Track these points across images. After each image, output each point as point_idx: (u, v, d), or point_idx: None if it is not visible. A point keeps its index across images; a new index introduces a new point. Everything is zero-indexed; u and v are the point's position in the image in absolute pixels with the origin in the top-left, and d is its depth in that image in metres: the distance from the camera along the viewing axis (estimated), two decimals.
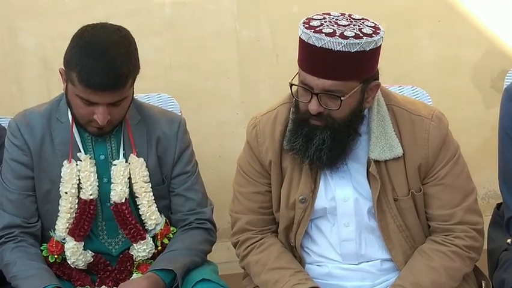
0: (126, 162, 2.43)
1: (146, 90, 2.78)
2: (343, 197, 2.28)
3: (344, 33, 2.08)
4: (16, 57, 3.41)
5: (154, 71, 3.41)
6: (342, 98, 2.12)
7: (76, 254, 2.40)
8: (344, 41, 2.06)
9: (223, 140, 3.58)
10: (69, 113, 2.39)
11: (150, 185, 2.45)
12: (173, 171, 2.51)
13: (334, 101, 2.14)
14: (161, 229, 2.48)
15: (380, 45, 2.14)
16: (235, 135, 3.51)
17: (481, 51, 3.62)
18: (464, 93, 3.66)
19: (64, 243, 2.41)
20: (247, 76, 3.53)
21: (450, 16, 3.56)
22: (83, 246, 2.42)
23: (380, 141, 2.23)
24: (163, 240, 2.48)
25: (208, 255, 2.56)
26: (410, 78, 3.43)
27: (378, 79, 2.21)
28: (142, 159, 2.44)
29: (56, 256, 2.42)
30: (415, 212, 2.27)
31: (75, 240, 2.40)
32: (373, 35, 2.10)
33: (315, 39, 2.08)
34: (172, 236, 2.49)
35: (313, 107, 2.15)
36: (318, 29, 2.10)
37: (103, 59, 2.22)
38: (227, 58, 3.50)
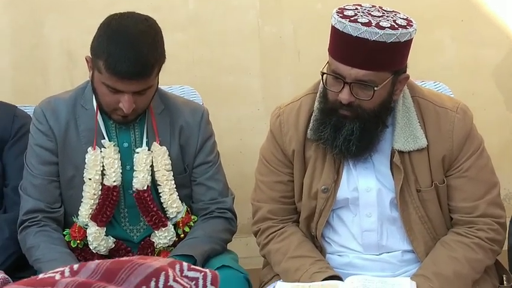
0: (149, 150, 2.44)
1: (167, 83, 2.80)
2: (366, 188, 2.28)
3: (380, 23, 2.09)
4: (42, 50, 3.44)
5: (177, 66, 3.42)
6: (375, 88, 2.13)
7: (98, 239, 2.42)
8: (380, 31, 2.07)
9: (244, 135, 3.59)
10: (94, 100, 2.41)
11: (172, 174, 2.47)
12: (195, 161, 2.52)
13: (366, 91, 2.15)
14: (182, 217, 2.49)
15: (413, 38, 2.15)
16: (256, 130, 3.52)
17: (503, 52, 3.62)
18: (485, 94, 3.65)
19: (86, 228, 2.43)
20: (269, 72, 3.54)
21: (473, 16, 3.56)
22: (105, 232, 2.44)
23: (405, 132, 2.24)
24: (184, 229, 2.49)
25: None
26: (432, 78, 3.42)
27: (406, 72, 2.22)
28: (164, 148, 2.45)
29: (78, 241, 2.44)
30: (438, 204, 2.27)
31: (97, 226, 2.42)
32: (407, 26, 2.12)
33: (351, 29, 2.09)
34: (193, 225, 2.51)
35: (345, 96, 2.15)
36: (353, 18, 2.11)
37: (129, 47, 2.24)
38: (249, 54, 3.51)
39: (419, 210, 2.26)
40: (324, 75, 2.22)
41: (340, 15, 2.14)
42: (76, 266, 1.13)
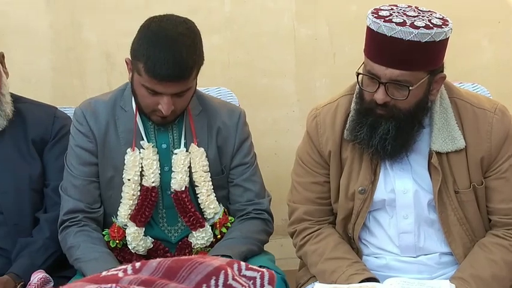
0: (187, 151, 2.47)
1: (203, 85, 2.83)
2: (403, 189, 2.28)
3: (415, 23, 2.10)
4: (79, 52, 3.48)
5: (212, 68, 3.44)
6: (410, 88, 2.13)
7: (137, 239, 2.45)
8: (415, 31, 2.08)
9: (279, 137, 3.60)
10: (133, 102, 2.45)
11: (209, 175, 2.49)
12: (232, 162, 2.54)
13: (401, 91, 2.15)
14: (219, 218, 2.51)
15: (448, 38, 2.15)
16: (291, 132, 3.53)
17: None
18: None
19: (125, 228, 2.46)
20: (304, 74, 3.55)
21: (510, 17, 3.53)
22: (144, 232, 2.47)
23: (442, 133, 2.23)
24: (221, 229, 2.51)
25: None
26: (469, 80, 3.41)
27: (443, 72, 2.22)
28: (202, 149, 2.48)
29: (117, 241, 2.47)
30: (476, 205, 2.27)
31: (136, 226, 2.45)
32: (443, 26, 2.12)
33: (385, 28, 2.10)
34: (230, 226, 2.52)
35: (380, 96, 2.16)
36: (387, 18, 2.12)
37: (169, 50, 2.26)
38: (284, 56, 3.52)
39: (458, 212, 2.26)
40: (360, 76, 2.23)
41: (375, 15, 2.15)
42: (137, 264, 1.16)
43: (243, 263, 1.17)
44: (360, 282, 2.20)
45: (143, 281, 1.10)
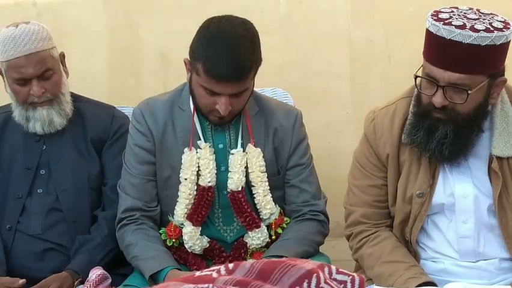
0: (243, 151, 2.48)
1: (259, 86, 2.83)
2: (462, 193, 2.26)
3: (475, 26, 2.07)
4: (135, 51, 3.52)
5: (267, 69, 3.42)
6: (469, 92, 2.11)
7: (193, 238, 2.46)
8: (474, 34, 2.06)
9: (332, 138, 3.58)
10: (191, 102, 2.46)
11: (266, 175, 2.49)
12: (288, 163, 2.54)
13: (460, 95, 2.13)
14: (275, 219, 2.51)
15: (510, 41, 2.12)
16: (344, 134, 3.52)
17: None
18: None
19: (182, 228, 2.48)
20: (359, 76, 3.53)
21: None
22: (200, 232, 2.48)
23: (503, 137, 2.21)
24: (277, 230, 2.51)
25: None
26: None
27: (504, 75, 2.19)
28: (259, 149, 2.48)
29: (174, 240, 2.48)
30: None
31: (193, 225, 2.46)
32: (504, 29, 2.09)
33: (444, 31, 2.08)
34: (285, 226, 2.52)
35: (438, 99, 2.14)
36: (447, 21, 2.10)
37: (228, 51, 2.28)
38: (339, 57, 3.51)
39: None
40: (418, 79, 2.21)
41: (434, 18, 2.13)
42: (230, 265, 1.17)
43: (333, 267, 1.18)
44: (417, 287, 2.18)
45: (238, 281, 1.12)
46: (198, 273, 1.18)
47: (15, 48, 2.51)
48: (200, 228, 2.47)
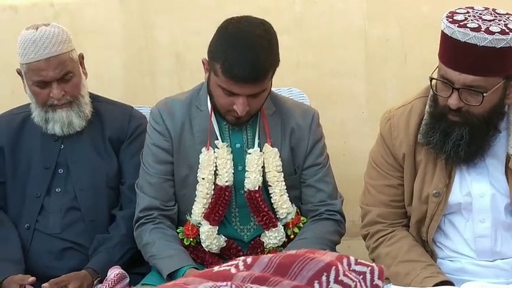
0: (261, 151, 2.49)
1: (275, 85, 2.84)
2: (479, 193, 2.26)
3: (490, 28, 2.07)
4: (150, 52, 3.53)
5: (282, 68, 3.41)
6: (484, 94, 2.11)
7: (210, 237, 2.48)
8: (489, 37, 2.06)
9: (348, 138, 3.59)
10: (208, 102, 2.48)
11: (282, 175, 2.50)
12: (305, 162, 2.55)
13: (475, 97, 2.13)
14: (292, 218, 2.52)
15: None
16: (360, 134, 3.52)
17: None
18: None
19: (199, 227, 2.49)
20: (374, 75, 3.53)
21: None
22: (217, 231, 2.49)
23: None
24: (294, 229, 2.52)
25: None
26: None
27: None
28: (276, 149, 2.49)
29: (191, 239, 2.50)
30: None
31: (210, 225, 2.47)
32: None
33: (459, 34, 2.09)
34: (302, 226, 2.53)
35: (454, 101, 2.15)
36: (462, 23, 2.10)
37: (246, 52, 2.29)
38: (354, 57, 3.51)
39: None
40: (434, 80, 2.21)
41: (449, 19, 2.13)
42: (249, 260, 1.18)
43: (352, 258, 1.18)
44: (434, 286, 2.18)
45: (256, 277, 1.12)
46: (216, 268, 1.18)
47: (36, 51, 2.53)
48: (217, 227, 2.49)
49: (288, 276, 1.13)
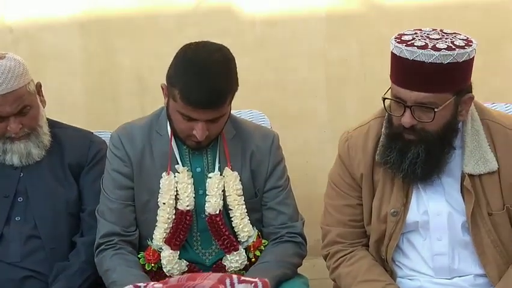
0: (221, 175, 2.50)
1: (235, 107, 2.86)
2: (436, 211, 2.29)
3: (436, 45, 2.12)
4: (112, 75, 3.54)
5: (243, 90, 3.44)
6: (435, 110, 2.15)
7: (172, 262, 2.47)
8: (436, 53, 2.10)
9: (310, 157, 3.62)
10: (168, 126, 2.48)
11: (243, 198, 2.51)
12: (265, 185, 2.56)
13: (427, 113, 2.17)
14: (253, 241, 2.53)
15: (473, 58, 2.17)
16: (322, 153, 3.55)
17: None
18: None
19: (161, 252, 2.49)
20: (335, 95, 3.57)
21: None
22: (179, 255, 2.49)
23: (475, 155, 2.24)
24: (255, 252, 2.53)
25: None
26: (503, 100, 3.39)
27: (471, 92, 2.23)
28: (236, 173, 2.50)
29: (152, 264, 2.50)
30: (510, 227, 2.27)
31: (171, 249, 2.47)
32: (465, 46, 2.13)
33: (407, 52, 2.13)
34: (263, 249, 2.54)
35: (407, 119, 2.18)
36: (410, 42, 2.15)
37: (204, 77, 2.30)
38: (315, 77, 3.55)
39: (491, 233, 2.26)
40: (386, 101, 2.25)
41: (397, 40, 2.18)
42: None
43: (235, 277, 1.19)
44: None
45: None
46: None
47: None
48: (178, 252, 2.49)
49: None
